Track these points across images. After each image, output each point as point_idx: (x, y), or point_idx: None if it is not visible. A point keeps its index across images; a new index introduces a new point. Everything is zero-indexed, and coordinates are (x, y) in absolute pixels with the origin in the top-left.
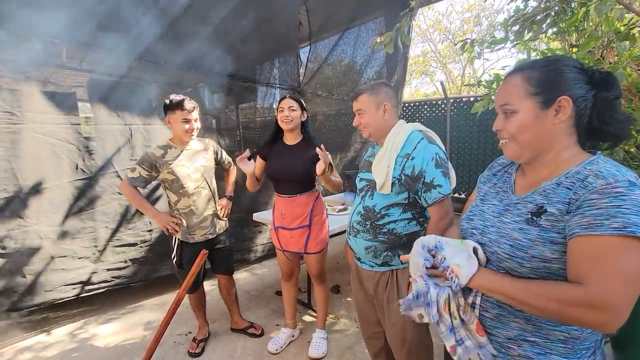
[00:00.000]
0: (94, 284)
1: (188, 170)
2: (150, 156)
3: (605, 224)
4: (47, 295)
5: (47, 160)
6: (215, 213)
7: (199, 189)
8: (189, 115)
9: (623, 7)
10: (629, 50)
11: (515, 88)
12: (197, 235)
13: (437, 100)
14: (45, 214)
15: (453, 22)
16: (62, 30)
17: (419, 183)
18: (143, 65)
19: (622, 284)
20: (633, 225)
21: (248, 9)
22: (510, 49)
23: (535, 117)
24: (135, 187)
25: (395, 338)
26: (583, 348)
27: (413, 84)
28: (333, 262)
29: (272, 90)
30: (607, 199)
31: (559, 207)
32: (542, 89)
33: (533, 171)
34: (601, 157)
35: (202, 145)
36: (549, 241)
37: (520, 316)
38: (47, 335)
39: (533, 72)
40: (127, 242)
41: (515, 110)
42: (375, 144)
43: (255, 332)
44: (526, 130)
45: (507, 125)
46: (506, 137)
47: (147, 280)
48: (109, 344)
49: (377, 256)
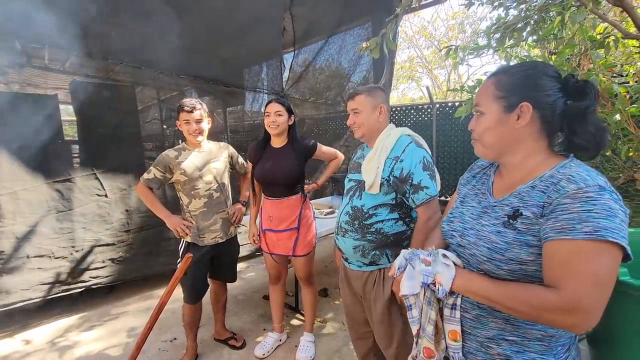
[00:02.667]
0: (72, 284)
1: (199, 172)
2: (165, 158)
3: (577, 228)
4: (24, 294)
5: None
6: (227, 217)
7: (211, 192)
8: (189, 116)
9: (597, 17)
10: (603, 58)
11: (486, 91)
12: (207, 238)
13: (423, 104)
14: (22, 215)
15: (438, 29)
16: (41, 32)
17: (407, 185)
18: (125, 69)
19: (593, 287)
20: (603, 229)
21: (232, 15)
22: (492, 55)
23: (498, 120)
24: (150, 188)
25: (383, 336)
26: (558, 345)
27: (400, 89)
28: (321, 265)
29: (256, 94)
30: (579, 203)
31: (534, 210)
32: (508, 93)
33: (508, 173)
34: (574, 161)
35: (216, 147)
36: (525, 244)
37: (499, 316)
38: (25, 344)
39: (503, 76)
40: (104, 242)
41: (482, 112)
42: (364, 147)
43: (236, 345)
44: (489, 131)
45: (477, 125)
46: (474, 137)
47: (124, 280)
48: (91, 351)
49: (365, 255)
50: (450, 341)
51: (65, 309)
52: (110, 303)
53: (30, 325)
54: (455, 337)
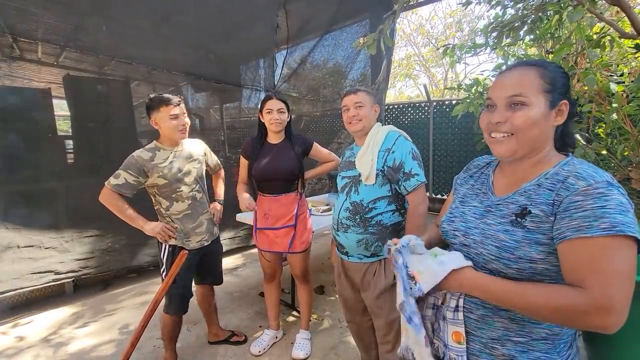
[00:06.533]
0: (61, 273)
1: (181, 174)
2: (138, 160)
3: (594, 225)
4: (14, 283)
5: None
6: (211, 218)
7: (194, 193)
8: (176, 109)
9: (594, 16)
10: (600, 57)
11: (531, 81)
12: (193, 241)
13: (421, 102)
14: (14, 206)
15: (436, 27)
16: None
17: (400, 173)
18: (118, 65)
19: (621, 284)
20: (620, 224)
21: (225, 11)
22: (490, 54)
23: (543, 115)
24: (120, 194)
25: (383, 325)
26: (562, 343)
27: (397, 87)
28: (317, 262)
29: (252, 91)
30: (591, 200)
31: (543, 208)
32: (554, 88)
33: (513, 172)
34: (574, 159)
35: (193, 145)
36: (535, 242)
37: (505, 316)
38: (19, 341)
39: (546, 70)
40: (94, 233)
41: (527, 103)
42: (353, 147)
43: (239, 340)
44: (534, 125)
45: (513, 118)
46: (505, 130)
47: (114, 270)
48: (85, 347)
49: (367, 248)
50: (453, 343)
51: (59, 304)
52: (104, 299)
53: (24, 321)
54: (459, 339)
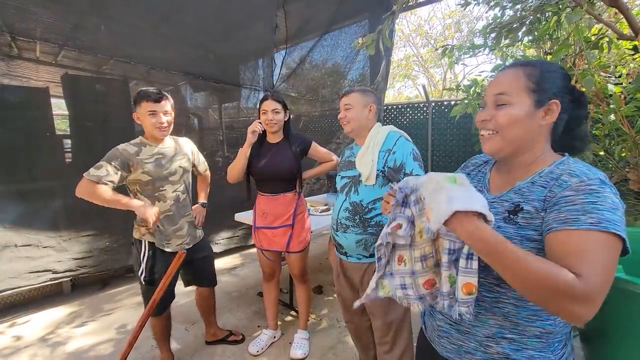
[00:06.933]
0: (59, 272)
1: (166, 172)
2: (123, 152)
3: (581, 219)
4: (12, 282)
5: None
6: (193, 221)
7: (178, 193)
8: (156, 106)
9: (592, 17)
10: (598, 59)
11: (516, 80)
12: (173, 244)
13: (419, 103)
14: (12, 204)
15: (435, 28)
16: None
17: (401, 174)
18: (116, 64)
19: (607, 280)
20: (605, 221)
21: (224, 11)
22: (488, 55)
23: (528, 113)
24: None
25: (381, 325)
26: (556, 341)
27: (396, 87)
28: (316, 262)
29: (252, 91)
30: (583, 195)
31: (535, 204)
32: (540, 87)
33: (507, 170)
34: (570, 159)
35: (180, 144)
36: (526, 238)
37: (498, 313)
38: (16, 340)
39: (534, 69)
40: (92, 232)
41: (510, 101)
42: (352, 146)
43: (237, 339)
44: (516, 124)
45: (498, 116)
46: (491, 128)
47: (112, 269)
48: (82, 347)
49: (367, 248)
50: (464, 295)
51: (56, 303)
52: (102, 298)
53: (21, 320)
54: (470, 289)
